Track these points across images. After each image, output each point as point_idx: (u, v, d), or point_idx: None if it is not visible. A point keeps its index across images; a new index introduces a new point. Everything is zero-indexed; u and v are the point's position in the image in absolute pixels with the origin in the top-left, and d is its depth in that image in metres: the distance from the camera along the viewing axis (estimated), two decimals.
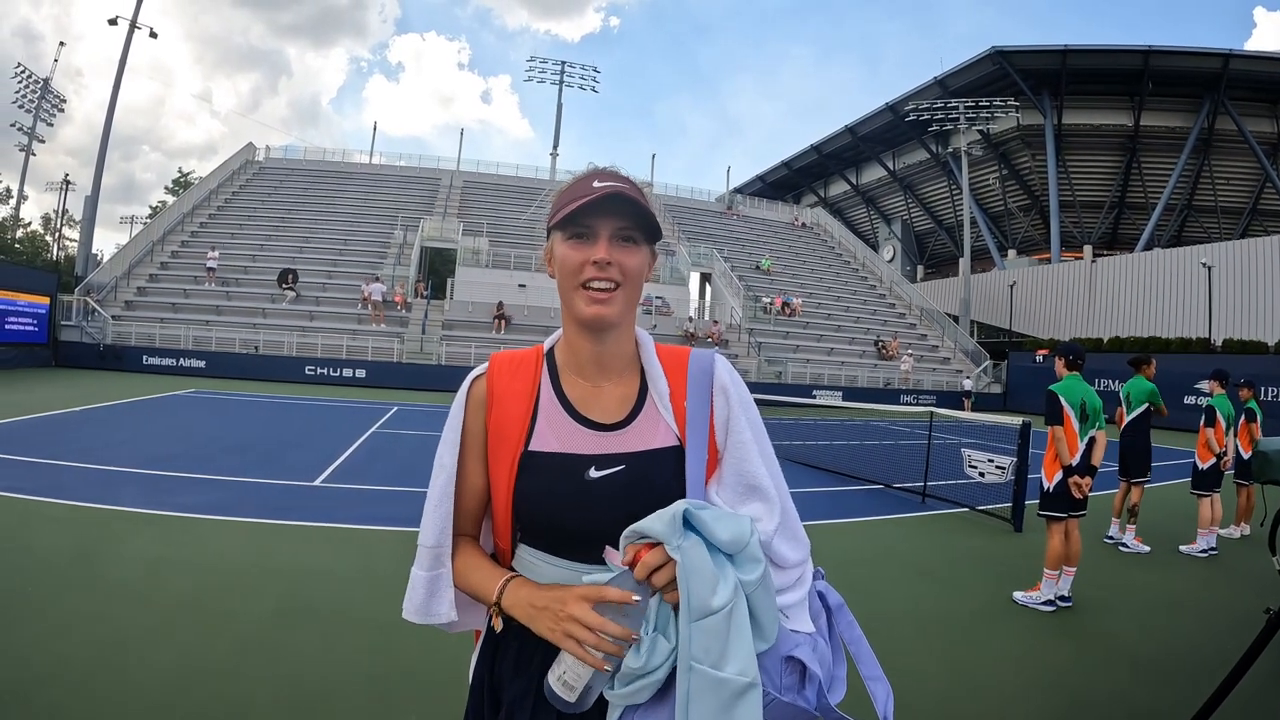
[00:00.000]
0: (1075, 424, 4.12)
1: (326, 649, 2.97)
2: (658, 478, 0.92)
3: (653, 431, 0.95)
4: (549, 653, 0.85)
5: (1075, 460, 4.10)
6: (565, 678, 0.81)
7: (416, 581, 0.98)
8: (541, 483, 0.93)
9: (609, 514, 0.88)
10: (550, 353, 1.03)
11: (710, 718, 0.75)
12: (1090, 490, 4.12)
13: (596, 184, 0.91)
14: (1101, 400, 4.25)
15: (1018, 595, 4.17)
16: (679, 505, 0.80)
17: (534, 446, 0.94)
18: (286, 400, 14.05)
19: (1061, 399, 4.14)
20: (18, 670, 2.57)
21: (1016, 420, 6.72)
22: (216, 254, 22.74)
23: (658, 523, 0.79)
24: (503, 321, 22.24)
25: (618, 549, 0.83)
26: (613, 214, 0.91)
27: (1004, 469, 6.60)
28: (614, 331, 0.96)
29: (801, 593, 0.93)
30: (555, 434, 0.95)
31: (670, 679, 0.79)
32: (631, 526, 0.81)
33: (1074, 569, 4.13)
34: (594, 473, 0.92)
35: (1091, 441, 4.14)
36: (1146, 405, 5.70)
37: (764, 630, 0.82)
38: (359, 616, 3.34)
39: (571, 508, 0.91)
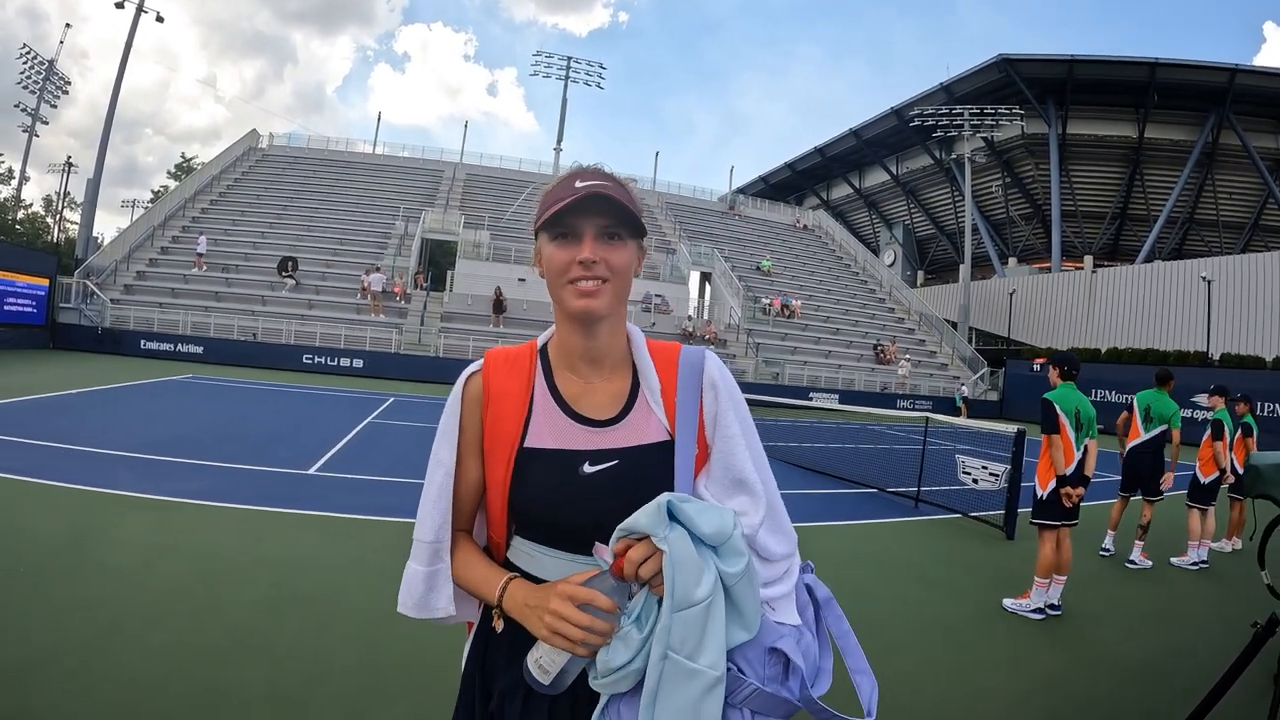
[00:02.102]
0: (1071, 433, 4.14)
1: (318, 636, 2.98)
2: (651, 472, 0.94)
3: (645, 427, 0.97)
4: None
5: (1070, 470, 4.12)
6: (541, 662, 0.84)
7: (414, 576, 0.99)
8: (537, 479, 0.94)
9: (604, 508, 0.89)
10: (544, 349, 1.04)
11: (680, 708, 0.78)
12: (1082, 500, 4.14)
13: (578, 184, 0.92)
14: (1095, 410, 4.27)
15: (1007, 602, 4.19)
16: (662, 497, 0.82)
17: (529, 443, 0.95)
18: (283, 388, 14.04)
19: (1057, 407, 4.16)
20: (10, 651, 2.58)
21: (1011, 428, 6.73)
22: (204, 239, 22.57)
23: (643, 516, 0.81)
24: (500, 317, 22.21)
25: (609, 543, 0.85)
26: (595, 213, 0.92)
27: (997, 476, 6.62)
28: (604, 324, 0.97)
29: (788, 585, 0.95)
30: (550, 430, 0.96)
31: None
32: (620, 525, 0.83)
33: (1064, 578, 4.15)
34: (588, 468, 0.93)
35: (1084, 451, 4.16)
36: (1166, 425, 5.53)
37: (747, 621, 0.84)
38: (351, 605, 3.35)
39: (567, 503, 0.93)
